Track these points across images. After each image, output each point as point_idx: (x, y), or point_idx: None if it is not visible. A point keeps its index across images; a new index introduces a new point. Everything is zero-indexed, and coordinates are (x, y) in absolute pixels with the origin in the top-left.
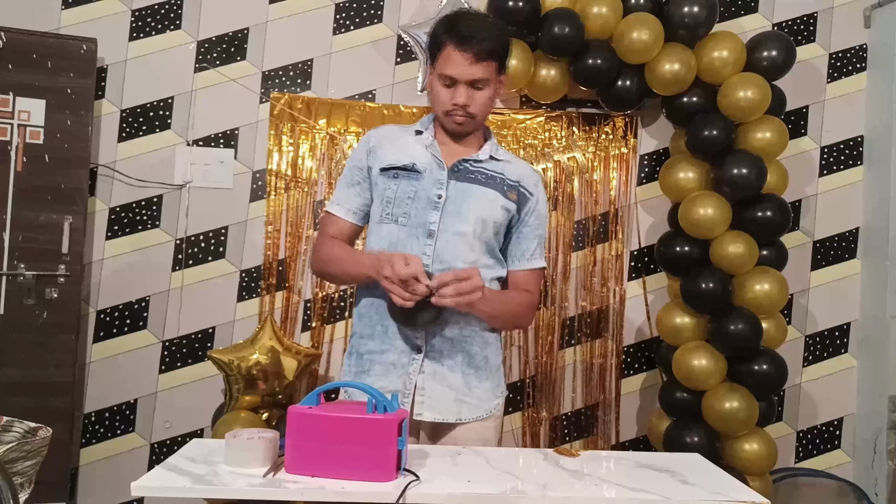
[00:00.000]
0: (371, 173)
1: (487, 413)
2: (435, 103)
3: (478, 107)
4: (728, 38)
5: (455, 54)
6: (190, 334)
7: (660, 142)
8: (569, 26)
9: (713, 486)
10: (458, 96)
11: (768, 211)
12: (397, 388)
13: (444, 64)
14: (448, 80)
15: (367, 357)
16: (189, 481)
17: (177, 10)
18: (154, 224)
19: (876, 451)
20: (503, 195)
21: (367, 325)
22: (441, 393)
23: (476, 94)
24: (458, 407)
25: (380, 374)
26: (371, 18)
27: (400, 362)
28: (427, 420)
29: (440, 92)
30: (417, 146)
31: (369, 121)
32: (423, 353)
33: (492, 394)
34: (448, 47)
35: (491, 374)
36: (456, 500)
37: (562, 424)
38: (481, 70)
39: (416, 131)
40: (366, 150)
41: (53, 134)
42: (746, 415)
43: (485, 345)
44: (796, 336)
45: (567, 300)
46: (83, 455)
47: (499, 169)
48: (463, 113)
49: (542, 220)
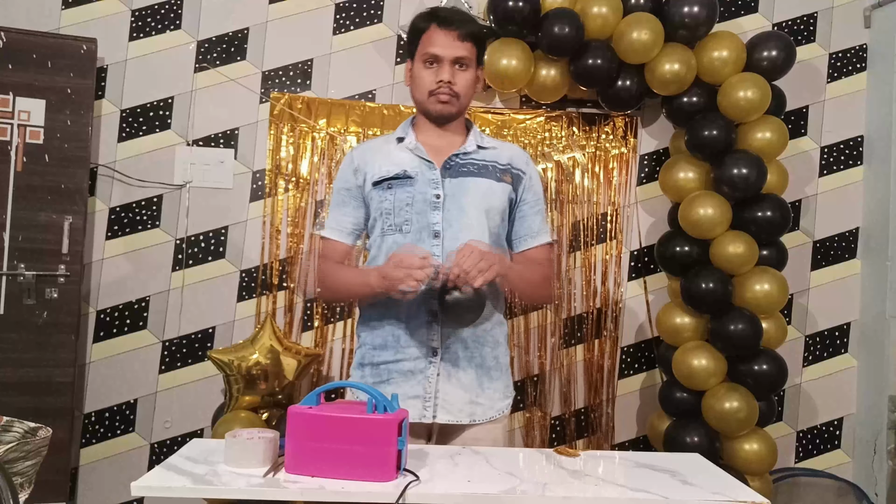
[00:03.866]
0: (364, 191)
1: (498, 413)
2: (417, 89)
3: (462, 86)
4: (728, 38)
5: (438, 34)
6: (190, 334)
7: (660, 142)
8: (569, 26)
9: (713, 486)
10: (442, 73)
11: (768, 211)
12: (417, 393)
13: (427, 44)
14: (431, 59)
15: (384, 367)
16: (189, 481)
17: (177, 10)
18: (154, 224)
19: (876, 451)
20: (498, 181)
21: (379, 335)
22: (455, 395)
23: (459, 73)
24: (472, 408)
25: (399, 382)
26: (371, 18)
27: (417, 368)
28: (441, 422)
29: (423, 74)
30: (402, 153)
31: (369, 121)
32: (439, 356)
33: (502, 394)
34: (431, 29)
35: (501, 374)
36: (456, 500)
37: (562, 424)
38: (464, 49)
39: (397, 139)
40: (351, 169)
41: (53, 134)
42: (746, 415)
43: (496, 345)
44: (796, 336)
45: (567, 300)
46: (83, 455)
47: (488, 157)
48: (448, 90)
49: (539, 196)
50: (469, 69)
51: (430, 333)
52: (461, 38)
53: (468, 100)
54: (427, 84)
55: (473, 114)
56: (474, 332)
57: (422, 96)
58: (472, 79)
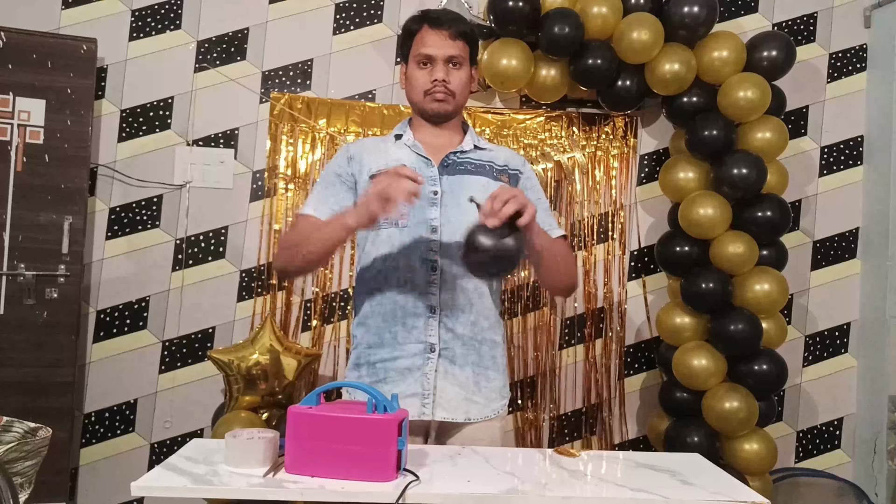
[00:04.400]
0: (357, 184)
1: (494, 413)
2: (412, 90)
3: (456, 84)
4: (728, 38)
5: (430, 34)
6: (190, 334)
7: (660, 142)
8: (569, 26)
9: (713, 486)
10: (436, 72)
11: (768, 211)
12: (415, 391)
13: (420, 45)
14: (425, 59)
15: (381, 366)
16: (189, 481)
17: (177, 10)
18: (154, 224)
19: (876, 451)
20: (494, 179)
21: (375, 333)
22: (452, 392)
23: (454, 71)
24: (468, 406)
25: (396, 380)
26: (371, 18)
27: (415, 365)
28: (437, 419)
29: (418, 75)
30: (400, 150)
31: (369, 121)
32: (437, 353)
33: (499, 394)
34: (422, 30)
35: (498, 374)
36: (455, 500)
37: (562, 424)
38: (457, 48)
39: (395, 136)
40: (346, 157)
41: (53, 134)
42: (746, 415)
43: (493, 345)
44: (796, 336)
45: (567, 300)
46: (83, 455)
47: (485, 157)
48: (443, 89)
49: (539, 194)
50: (463, 67)
51: (428, 329)
52: (453, 38)
53: (464, 98)
54: (422, 84)
55: (473, 114)
56: (472, 331)
57: (417, 97)
58: (467, 77)
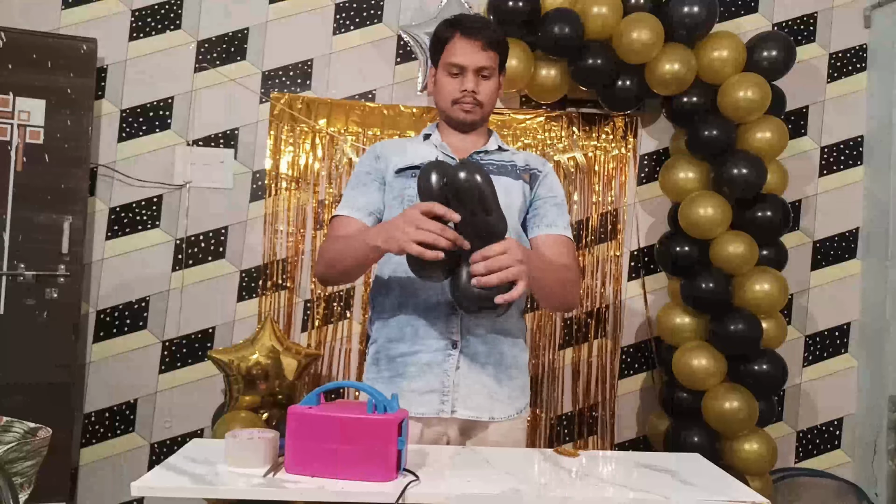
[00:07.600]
0: (385, 179)
1: (517, 412)
2: (441, 97)
3: (485, 95)
4: (728, 38)
5: (462, 42)
6: (190, 334)
7: (660, 142)
8: (569, 26)
9: (713, 486)
10: (466, 83)
11: (768, 211)
12: (434, 387)
13: (451, 54)
14: (456, 69)
15: (400, 360)
16: (189, 481)
17: (177, 10)
18: (154, 224)
19: (876, 451)
20: (517, 178)
21: (395, 328)
22: (475, 390)
23: (483, 82)
24: (491, 405)
25: (415, 375)
26: (371, 18)
27: (435, 360)
28: (461, 417)
29: (447, 83)
30: (427, 148)
31: (369, 121)
32: (458, 349)
33: (521, 392)
34: (455, 38)
35: (520, 373)
36: (455, 500)
37: (562, 424)
38: (488, 58)
39: (424, 135)
40: (373, 156)
41: (53, 134)
42: (746, 415)
43: (514, 344)
44: (796, 336)
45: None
46: (83, 455)
47: (507, 158)
48: (472, 100)
49: (553, 191)
50: (492, 78)
51: (451, 325)
52: (484, 48)
53: (491, 107)
54: (451, 93)
55: None
56: (494, 328)
57: (445, 105)
58: (495, 87)
